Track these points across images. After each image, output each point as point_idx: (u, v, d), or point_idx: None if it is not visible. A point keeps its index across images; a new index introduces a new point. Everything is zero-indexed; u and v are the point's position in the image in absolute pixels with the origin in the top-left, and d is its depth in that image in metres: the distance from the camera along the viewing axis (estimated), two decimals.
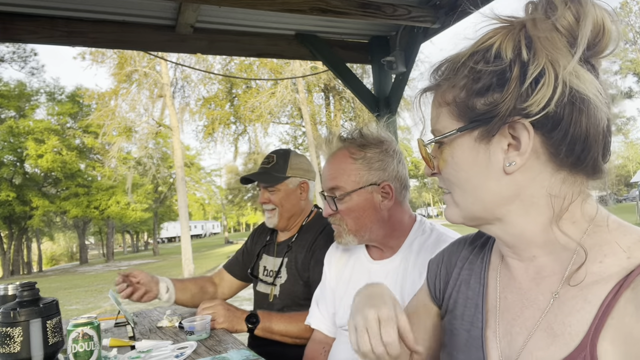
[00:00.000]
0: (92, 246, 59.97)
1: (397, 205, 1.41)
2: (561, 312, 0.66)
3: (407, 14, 2.97)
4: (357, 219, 1.38)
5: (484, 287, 0.80)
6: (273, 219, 2.05)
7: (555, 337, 0.65)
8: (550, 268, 0.70)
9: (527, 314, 0.70)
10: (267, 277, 2.07)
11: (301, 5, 2.66)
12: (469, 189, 0.71)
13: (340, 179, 1.38)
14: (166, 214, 36.58)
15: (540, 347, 0.66)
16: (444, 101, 0.71)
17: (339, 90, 20.63)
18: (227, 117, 20.91)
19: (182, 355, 1.47)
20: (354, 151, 1.39)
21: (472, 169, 0.70)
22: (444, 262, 0.93)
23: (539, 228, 0.69)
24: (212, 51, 3.44)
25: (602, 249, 0.65)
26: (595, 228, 0.67)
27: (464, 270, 0.86)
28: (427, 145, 0.76)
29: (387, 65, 3.47)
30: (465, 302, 0.82)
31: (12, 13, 2.78)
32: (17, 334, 1.18)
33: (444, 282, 0.90)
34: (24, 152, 25.25)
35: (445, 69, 0.71)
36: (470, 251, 0.89)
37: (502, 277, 0.78)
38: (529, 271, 0.73)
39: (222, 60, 18.50)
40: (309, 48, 3.47)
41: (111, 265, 26.52)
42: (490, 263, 0.83)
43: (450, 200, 0.76)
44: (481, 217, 0.73)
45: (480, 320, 0.77)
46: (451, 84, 0.70)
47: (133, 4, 2.87)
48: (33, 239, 35.39)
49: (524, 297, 0.72)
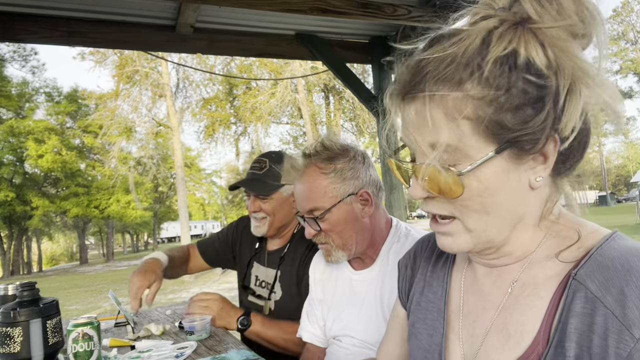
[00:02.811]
0: (92, 246, 59.97)
1: (376, 209, 1.39)
2: (516, 311, 0.65)
3: (407, 14, 2.97)
4: (341, 233, 1.34)
5: (446, 292, 0.78)
6: (262, 228, 1.90)
7: (509, 338, 0.64)
8: (511, 269, 0.69)
9: (487, 316, 0.70)
10: (260, 289, 1.98)
11: (301, 5, 2.66)
12: (492, 212, 0.62)
13: (317, 198, 1.32)
14: (166, 214, 36.61)
15: (496, 348, 0.66)
16: (459, 113, 0.57)
17: (339, 90, 20.63)
18: (227, 117, 20.92)
19: (182, 355, 1.47)
20: (322, 166, 1.33)
21: (503, 192, 0.61)
22: (409, 262, 0.90)
23: (529, 237, 0.67)
24: (212, 51, 3.44)
25: (558, 245, 0.65)
26: (553, 225, 0.67)
27: (428, 273, 0.84)
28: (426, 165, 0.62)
29: (387, 65, 3.47)
30: (427, 305, 0.80)
31: (12, 13, 2.78)
32: (17, 334, 1.18)
33: (409, 284, 0.88)
34: (24, 152, 25.27)
35: (450, 70, 0.58)
36: (434, 250, 0.86)
37: (466, 279, 0.77)
38: (492, 274, 0.72)
39: (222, 60, 18.51)
40: (309, 48, 3.47)
41: (111, 265, 26.51)
42: (454, 264, 0.81)
43: (459, 228, 0.64)
44: (493, 240, 0.65)
45: (442, 325, 0.75)
46: (465, 92, 0.57)
47: (133, 4, 2.87)
48: (33, 239, 35.40)
49: (485, 299, 0.71)
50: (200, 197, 43.32)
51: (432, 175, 0.61)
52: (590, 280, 0.57)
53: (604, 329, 0.54)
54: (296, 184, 1.39)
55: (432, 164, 0.60)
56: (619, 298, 0.54)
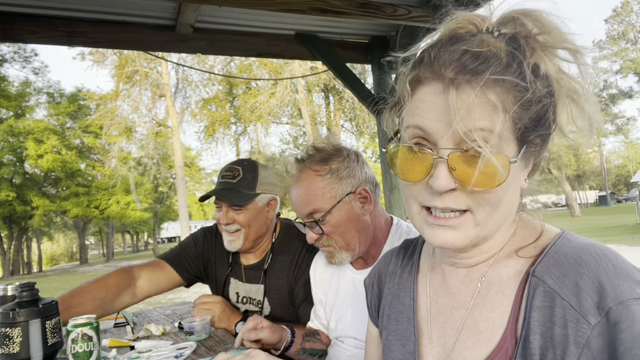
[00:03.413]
0: (92, 246, 59.98)
1: (375, 206, 1.39)
2: (485, 309, 0.68)
3: (407, 14, 2.97)
4: (343, 234, 1.32)
5: (414, 300, 0.79)
6: (237, 242, 1.79)
7: (480, 335, 0.67)
8: (477, 269, 0.71)
9: (456, 315, 0.71)
10: (243, 305, 1.92)
11: (301, 5, 2.65)
12: (500, 207, 0.64)
13: (315, 201, 1.31)
14: (166, 214, 36.59)
15: (468, 346, 0.68)
16: (501, 105, 0.59)
17: (339, 90, 20.64)
18: (227, 117, 20.92)
19: (182, 355, 1.47)
20: (317, 168, 1.32)
21: (512, 188, 0.64)
22: (376, 279, 0.92)
23: (505, 236, 0.70)
24: (212, 51, 3.44)
25: (517, 243, 0.69)
26: (512, 224, 0.71)
27: (394, 285, 0.85)
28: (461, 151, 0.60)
29: (387, 65, 3.47)
30: (397, 316, 0.81)
31: (12, 13, 2.78)
32: (17, 334, 1.18)
33: (377, 300, 0.89)
34: (24, 152, 25.27)
35: (500, 66, 0.58)
36: (397, 264, 0.88)
37: (432, 281, 0.78)
38: (459, 275, 0.74)
39: (222, 60, 18.51)
40: (309, 48, 3.47)
41: (111, 265, 26.50)
42: (419, 271, 0.83)
43: (468, 222, 0.64)
44: (487, 236, 0.67)
45: (413, 333, 0.76)
46: (504, 89, 0.59)
47: (133, 4, 2.87)
48: (33, 239, 35.40)
49: (454, 300, 0.73)
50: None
51: (472, 162, 0.59)
52: (548, 275, 0.61)
53: (563, 320, 0.57)
54: (292, 190, 1.36)
55: (486, 149, 0.57)
56: (575, 290, 0.58)
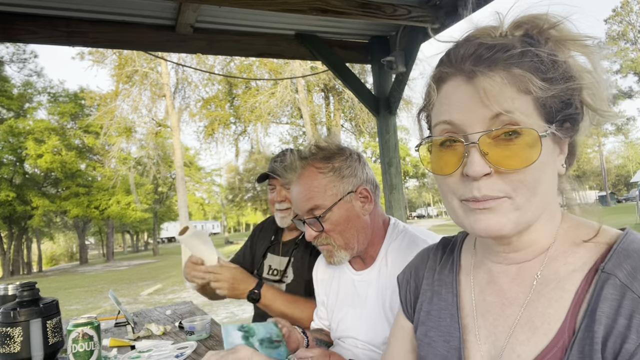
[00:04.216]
0: (92, 246, 59.95)
1: (375, 206, 1.40)
2: (541, 305, 0.68)
3: (407, 14, 2.97)
4: (343, 232, 1.33)
5: (457, 297, 0.80)
6: (287, 219, 1.97)
7: (535, 330, 0.67)
8: (530, 266, 0.72)
9: (508, 312, 0.72)
10: (271, 276, 2.05)
11: (301, 5, 2.66)
12: (538, 192, 0.65)
13: (317, 197, 1.31)
14: (166, 214, 36.56)
15: (522, 341, 0.68)
16: (523, 86, 0.62)
17: (339, 90, 20.63)
18: (226, 117, 20.90)
19: (182, 355, 1.47)
20: (320, 165, 1.33)
21: (548, 170, 0.66)
22: (412, 276, 0.92)
23: (547, 230, 0.71)
24: (212, 51, 3.44)
25: (572, 241, 0.70)
26: (555, 216, 0.72)
27: (435, 282, 0.86)
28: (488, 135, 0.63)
29: (387, 65, 3.47)
30: (439, 313, 0.82)
31: (12, 13, 2.78)
32: (17, 334, 1.18)
33: (414, 296, 0.90)
34: (24, 152, 25.25)
35: (515, 51, 0.63)
36: (436, 261, 0.89)
37: (477, 279, 0.79)
38: (509, 272, 0.74)
39: (222, 60, 18.50)
40: (309, 48, 3.47)
41: (111, 265, 26.51)
42: (460, 268, 0.83)
43: (507, 206, 0.65)
44: (529, 222, 0.67)
45: (458, 330, 0.77)
46: (524, 72, 0.63)
47: (133, 4, 2.87)
48: (33, 239, 35.38)
49: (504, 297, 0.73)
50: (200, 197, 43.28)
51: (502, 143, 0.63)
52: (619, 270, 0.62)
53: (630, 311, 0.58)
54: (293, 187, 1.37)
55: (513, 126, 0.62)
56: None
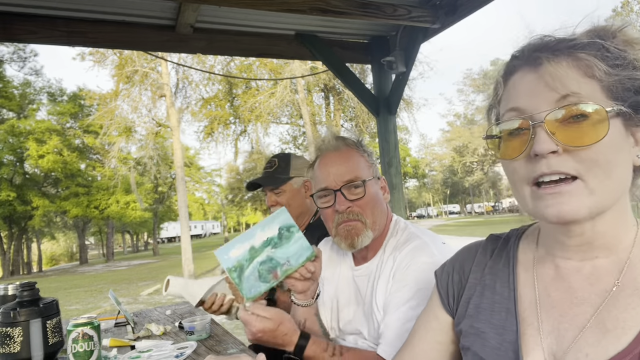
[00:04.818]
0: (92, 246, 59.97)
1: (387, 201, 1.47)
2: (615, 309, 0.66)
3: (407, 14, 2.97)
4: (373, 209, 1.37)
5: (514, 291, 0.79)
6: None
7: (607, 333, 0.65)
8: (606, 268, 0.70)
9: (576, 311, 0.70)
10: None
11: (301, 5, 2.66)
12: (613, 174, 0.65)
13: (357, 170, 1.38)
14: (166, 214, 36.55)
15: (591, 343, 0.66)
16: (589, 70, 0.66)
17: (339, 90, 20.62)
18: (226, 117, 20.89)
19: (182, 355, 1.47)
20: (354, 147, 1.43)
21: (622, 153, 0.66)
22: (455, 269, 0.92)
23: (621, 224, 0.69)
24: (212, 51, 3.44)
25: None
26: (630, 215, 0.70)
27: (485, 276, 0.85)
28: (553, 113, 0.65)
29: (387, 65, 3.47)
30: (492, 306, 0.81)
31: (12, 13, 2.78)
32: (17, 334, 1.18)
33: (458, 289, 0.90)
34: (24, 152, 25.25)
35: (581, 41, 0.67)
36: (487, 256, 0.88)
37: (541, 275, 0.78)
38: (582, 271, 0.72)
39: (222, 60, 18.50)
40: (309, 48, 3.47)
41: (111, 265, 26.51)
42: (518, 263, 0.82)
43: (580, 188, 0.64)
44: (605, 207, 0.66)
45: (514, 324, 0.76)
46: (590, 57, 0.66)
47: (133, 4, 2.87)
48: (33, 239, 35.38)
49: (574, 296, 0.71)
50: (200, 197, 43.29)
51: (569, 122, 0.64)
52: None
53: None
54: (329, 160, 1.40)
55: (580, 102, 0.64)
56: None
